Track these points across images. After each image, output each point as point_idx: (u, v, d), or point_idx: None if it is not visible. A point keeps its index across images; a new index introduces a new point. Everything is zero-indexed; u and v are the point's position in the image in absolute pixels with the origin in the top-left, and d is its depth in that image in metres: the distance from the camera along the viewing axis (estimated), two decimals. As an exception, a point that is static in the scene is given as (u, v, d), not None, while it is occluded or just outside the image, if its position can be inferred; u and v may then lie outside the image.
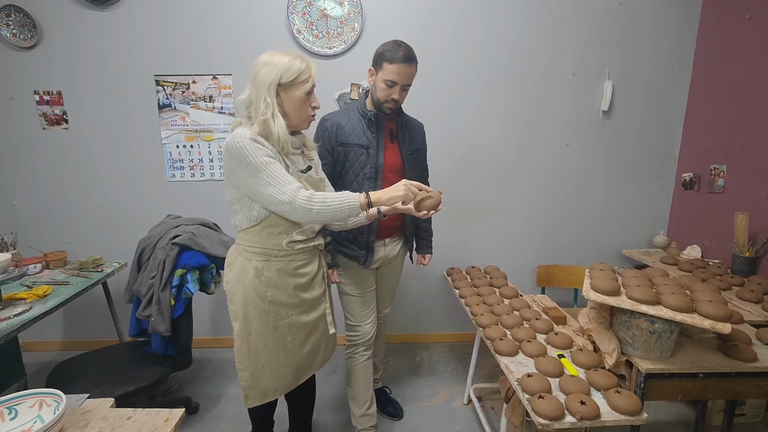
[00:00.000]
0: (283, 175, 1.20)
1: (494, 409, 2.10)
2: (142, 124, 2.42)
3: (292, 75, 1.23)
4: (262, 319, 1.32)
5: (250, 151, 1.18)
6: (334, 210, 1.22)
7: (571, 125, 2.56)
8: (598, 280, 1.41)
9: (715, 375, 1.36)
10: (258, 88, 1.23)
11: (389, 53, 1.51)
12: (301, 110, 1.29)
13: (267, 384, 1.37)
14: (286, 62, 1.23)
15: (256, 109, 1.23)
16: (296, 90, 1.26)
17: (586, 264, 2.60)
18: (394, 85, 1.53)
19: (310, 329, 1.42)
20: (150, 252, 1.82)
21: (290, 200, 1.18)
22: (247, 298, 1.31)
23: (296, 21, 2.32)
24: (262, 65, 1.24)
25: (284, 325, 1.35)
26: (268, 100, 1.22)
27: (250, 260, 1.31)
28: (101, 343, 2.31)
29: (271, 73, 1.22)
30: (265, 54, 1.27)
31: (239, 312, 1.32)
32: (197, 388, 2.29)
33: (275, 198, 1.19)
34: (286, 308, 1.35)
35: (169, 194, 2.51)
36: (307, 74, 1.25)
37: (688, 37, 2.48)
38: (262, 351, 1.34)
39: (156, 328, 1.72)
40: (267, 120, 1.21)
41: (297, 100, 1.26)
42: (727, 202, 2.26)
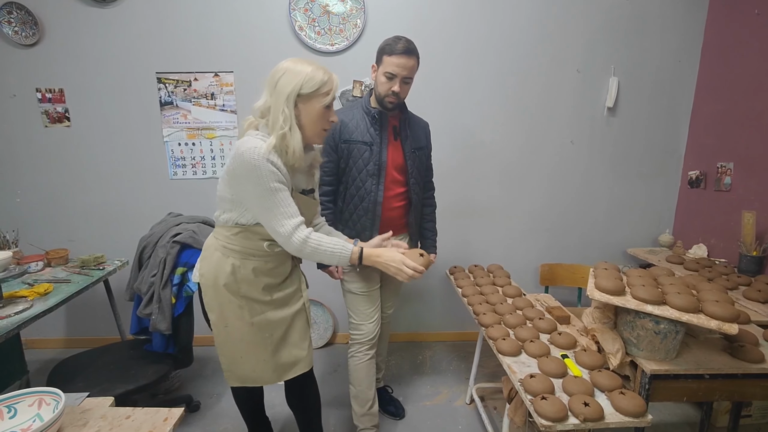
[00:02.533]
0: (288, 206, 1.19)
1: (497, 409, 2.09)
2: (143, 122, 2.42)
3: (313, 86, 1.19)
4: (237, 313, 1.31)
5: (263, 172, 1.14)
6: (323, 256, 1.25)
7: (576, 122, 2.53)
8: (602, 279, 1.39)
9: (722, 376, 1.34)
10: (277, 97, 1.18)
11: (389, 46, 1.52)
12: (317, 123, 1.25)
13: (246, 373, 1.38)
14: (309, 72, 1.18)
15: (274, 121, 1.19)
16: (316, 102, 1.21)
17: (590, 263, 2.58)
18: (393, 78, 1.53)
19: (288, 325, 1.39)
20: (151, 250, 1.81)
21: (287, 235, 1.20)
22: (221, 292, 1.29)
23: (298, 17, 2.30)
24: (282, 73, 1.19)
25: (261, 320, 1.33)
26: (287, 112, 1.18)
27: (228, 257, 1.29)
28: (103, 341, 2.31)
29: (292, 83, 1.17)
30: (286, 61, 1.22)
31: (214, 305, 1.32)
32: (199, 386, 2.29)
33: (274, 227, 1.20)
34: (259, 304, 1.33)
35: (171, 192, 2.50)
36: (329, 86, 1.21)
37: (695, 33, 2.45)
38: (239, 344, 1.34)
39: (157, 326, 1.72)
40: (285, 134, 1.18)
41: (315, 112, 1.22)
42: (734, 200, 2.22)
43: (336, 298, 2.64)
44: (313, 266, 1.67)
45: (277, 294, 1.36)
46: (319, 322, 2.69)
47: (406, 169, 1.70)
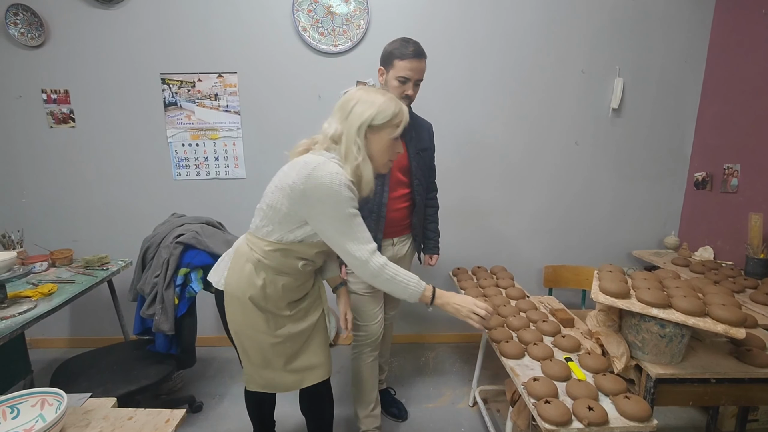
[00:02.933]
0: (363, 232, 1.19)
1: (500, 412, 2.08)
2: (147, 123, 2.43)
3: (385, 117, 1.19)
4: (262, 326, 1.30)
5: (344, 198, 1.14)
6: (396, 288, 1.24)
7: (580, 123, 2.52)
8: (606, 282, 1.38)
9: (728, 381, 1.32)
10: (350, 126, 1.18)
11: (399, 50, 1.52)
12: (385, 154, 1.25)
13: (266, 380, 1.37)
14: (381, 102, 1.19)
15: (348, 150, 1.19)
16: (386, 134, 1.22)
17: (595, 264, 2.55)
18: (406, 81, 1.54)
19: (308, 336, 1.39)
20: (154, 251, 1.82)
21: (364, 260, 1.19)
22: (247, 304, 1.27)
23: (302, 18, 2.31)
24: (356, 102, 1.19)
25: (284, 332, 1.33)
26: (359, 143, 1.19)
27: (260, 272, 1.26)
28: (107, 341, 2.32)
29: (365, 113, 1.17)
30: (357, 89, 1.23)
31: (237, 315, 1.29)
32: (201, 387, 2.29)
33: (351, 252, 1.18)
34: (282, 318, 1.32)
35: (175, 193, 2.51)
36: (399, 118, 1.22)
37: (702, 33, 2.43)
38: (260, 353, 1.33)
39: (159, 327, 1.72)
40: (360, 165, 1.18)
41: (384, 143, 1.23)
42: (741, 202, 2.20)
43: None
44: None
45: (300, 306, 1.36)
46: (321, 323, 2.68)
47: (410, 171, 1.69)
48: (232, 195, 2.53)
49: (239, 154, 2.47)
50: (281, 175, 1.23)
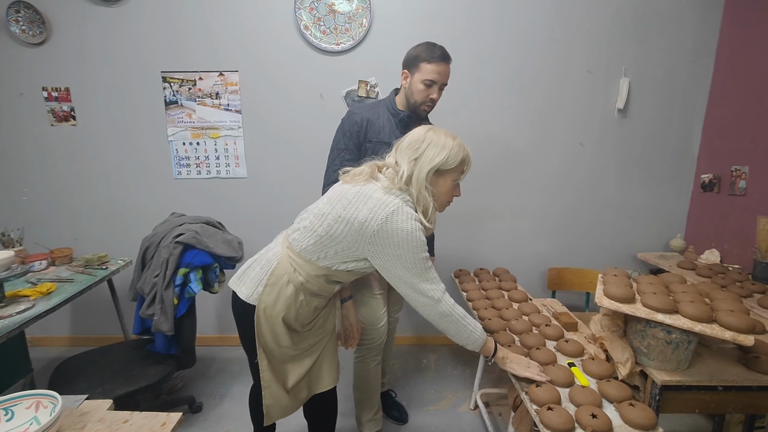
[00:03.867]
0: (434, 272, 1.22)
1: (501, 416, 2.06)
2: (148, 121, 2.41)
3: (455, 162, 1.20)
4: (288, 342, 1.28)
5: (419, 243, 1.16)
6: (461, 330, 1.26)
7: (586, 124, 2.49)
8: (611, 286, 1.35)
9: (735, 388, 1.29)
10: (420, 169, 1.18)
11: (426, 53, 1.52)
12: (447, 197, 1.27)
13: (287, 402, 1.33)
14: (452, 147, 1.19)
15: (418, 193, 1.19)
16: (450, 177, 1.23)
17: (599, 267, 2.53)
18: (432, 85, 1.54)
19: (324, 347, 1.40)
20: (154, 250, 1.80)
21: (437, 299, 1.21)
22: (278, 323, 1.24)
23: (303, 17, 2.28)
24: (428, 144, 1.19)
25: (305, 345, 1.34)
26: (428, 186, 1.20)
27: (299, 294, 1.23)
28: (108, 340, 2.31)
29: (437, 157, 1.18)
30: (428, 130, 1.22)
31: (266, 331, 1.25)
32: (202, 387, 2.28)
33: (424, 292, 1.20)
34: (304, 333, 1.33)
35: (176, 192, 2.50)
36: (464, 164, 1.23)
37: (710, 33, 2.39)
38: (282, 366, 1.31)
39: (159, 327, 1.71)
40: (429, 207, 1.20)
41: (447, 186, 1.24)
42: (749, 205, 2.16)
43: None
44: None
45: (318, 320, 1.36)
46: (322, 324, 2.66)
47: None
48: (232, 194, 2.52)
49: (240, 153, 2.45)
50: (344, 203, 1.17)
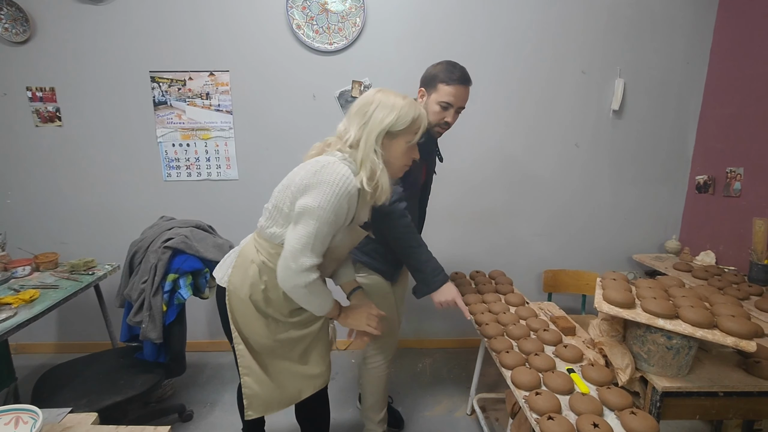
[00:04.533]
0: (320, 246, 1.13)
1: (498, 421, 2.03)
2: (137, 122, 2.35)
3: (405, 123, 1.14)
4: (263, 329, 1.27)
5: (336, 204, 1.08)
6: (309, 303, 1.20)
7: (581, 125, 2.47)
8: (611, 290, 1.33)
9: (736, 394, 1.28)
10: (369, 132, 1.14)
11: (444, 74, 1.46)
12: (402, 160, 1.21)
13: (270, 395, 1.30)
14: (402, 107, 1.14)
15: (365, 157, 1.14)
16: (403, 140, 1.18)
17: (595, 269, 2.52)
18: (449, 108, 1.49)
19: (308, 344, 1.35)
20: (142, 255, 1.75)
21: (295, 269, 1.11)
22: (249, 306, 1.24)
23: (296, 15, 2.24)
24: (375, 107, 1.14)
25: (285, 337, 1.29)
26: (378, 150, 1.14)
27: (263, 275, 1.22)
28: (95, 346, 2.25)
29: (386, 120, 1.13)
30: (377, 92, 1.17)
31: (239, 315, 1.26)
32: (192, 394, 2.22)
33: (289, 249, 1.11)
34: (283, 324, 1.29)
35: (165, 194, 2.44)
36: (419, 124, 1.17)
37: (704, 35, 2.38)
38: (259, 357, 1.29)
39: (147, 335, 1.66)
40: (378, 171, 1.14)
41: (401, 150, 1.19)
42: (744, 206, 2.16)
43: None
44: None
45: (302, 315, 1.31)
46: (316, 328, 2.62)
47: (426, 187, 1.73)
48: (224, 197, 2.47)
49: (231, 154, 2.40)
50: (290, 175, 1.19)
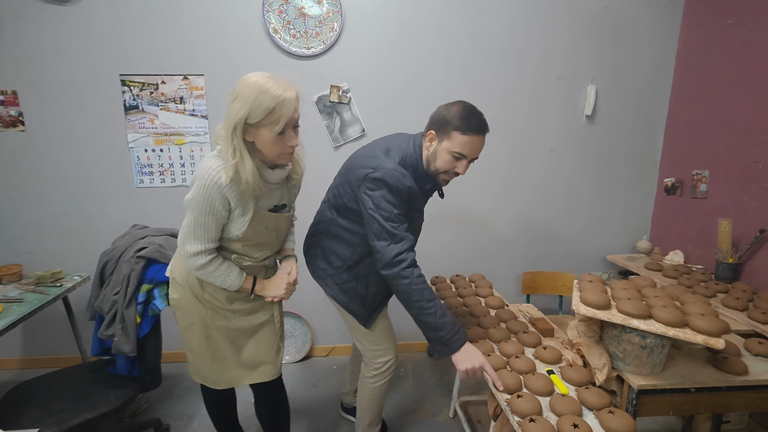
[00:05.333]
0: (204, 234, 1.21)
1: (481, 422, 2.05)
2: (106, 127, 2.27)
3: (258, 116, 1.11)
4: (202, 315, 1.35)
5: (207, 194, 1.16)
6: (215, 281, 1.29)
7: (556, 130, 2.53)
8: (587, 292, 1.36)
9: (707, 389, 1.32)
10: (227, 125, 1.14)
11: (460, 121, 1.31)
12: (273, 149, 1.19)
13: (206, 372, 1.43)
14: (254, 99, 1.10)
15: (227, 149, 1.14)
16: (265, 131, 1.14)
17: (571, 270, 2.58)
18: (461, 158, 1.35)
19: (251, 333, 1.42)
20: (113, 266, 1.69)
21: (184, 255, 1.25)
22: (188, 292, 1.34)
23: (272, 19, 2.21)
24: (235, 98, 1.13)
25: (222, 326, 1.36)
26: (235, 142, 1.13)
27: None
28: (64, 361, 2.16)
29: (239, 112, 1.11)
30: (247, 78, 1.14)
31: (182, 302, 1.36)
32: (168, 407, 2.16)
33: (179, 238, 1.26)
34: (222, 311, 1.35)
35: (138, 202, 2.36)
36: (277, 114, 1.12)
37: (670, 42, 2.48)
38: (202, 342, 1.38)
39: (120, 348, 1.59)
40: (236, 164, 1.14)
41: (268, 139, 1.16)
42: (710, 207, 2.26)
43: (315, 310, 2.55)
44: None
45: (243, 305, 1.38)
46: (297, 335, 2.59)
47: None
48: (200, 203, 2.40)
49: (207, 160, 2.35)
50: None
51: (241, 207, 1.22)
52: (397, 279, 1.33)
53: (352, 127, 2.39)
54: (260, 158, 1.21)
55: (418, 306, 1.34)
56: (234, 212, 1.22)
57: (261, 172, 1.21)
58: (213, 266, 1.26)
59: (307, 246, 1.68)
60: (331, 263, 1.56)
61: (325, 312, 2.50)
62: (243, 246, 1.30)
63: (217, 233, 1.24)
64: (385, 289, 1.58)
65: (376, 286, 1.55)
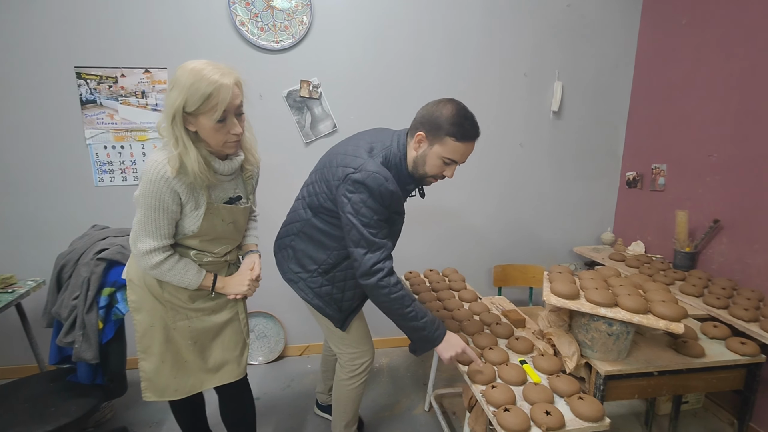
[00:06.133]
0: (156, 230, 1.18)
1: (456, 414, 2.07)
2: (61, 123, 2.14)
3: (195, 103, 1.07)
4: (161, 315, 1.30)
5: (153, 188, 1.12)
6: (172, 280, 1.24)
7: (525, 125, 2.58)
8: (557, 283, 1.40)
9: (669, 372, 1.39)
10: (165, 115, 1.10)
11: (455, 128, 1.27)
12: (215, 138, 1.14)
13: (166, 381, 1.35)
14: (189, 87, 1.05)
15: (168, 140, 1.11)
16: (205, 119, 1.10)
17: (541, 262, 2.65)
18: (452, 164, 1.34)
19: (215, 332, 1.38)
20: (71, 269, 1.60)
21: (136, 254, 1.21)
22: (146, 293, 1.28)
23: (239, 11, 2.15)
24: (172, 87, 1.09)
25: (184, 326, 1.32)
26: (177, 133, 1.09)
27: None
28: (20, 371, 2.03)
29: (177, 100, 1.07)
30: (185, 65, 1.09)
31: (140, 304, 1.30)
32: (135, 415, 2.07)
33: (134, 238, 1.21)
34: (184, 310, 1.31)
35: (97, 201, 2.25)
36: (214, 101, 1.07)
37: (630, 41, 2.58)
38: (162, 346, 1.32)
39: (81, 355, 1.51)
40: (180, 155, 1.11)
41: (209, 127, 1.11)
42: (668, 199, 2.37)
43: (288, 310, 2.51)
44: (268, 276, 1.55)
45: (206, 303, 1.34)
46: (269, 336, 2.54)
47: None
48: (165, 202, 2.31)
49: (172, 157, 2.26)
50: None
51: (193, 200, 1.18)
52: (376, 289, 1.30)
53: (323, 122, 2.36)
54: (206, 148, 1.17)
55: (399, 314, 1.34)
56: (186, 206, 1.18)
57: (210, 163, 1.18)
58: (168, 264, 1.21)
59: (278, 246, 1.60)
60: (304, 266, 1.49)
61: (298, 311, 2.47)
62: (201, 242, 1.26)
63: (170, 229, 1.19)
64: (362, 293, 1.54)
65: (353, 291, 1.51)
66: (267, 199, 2.09)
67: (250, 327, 2.48)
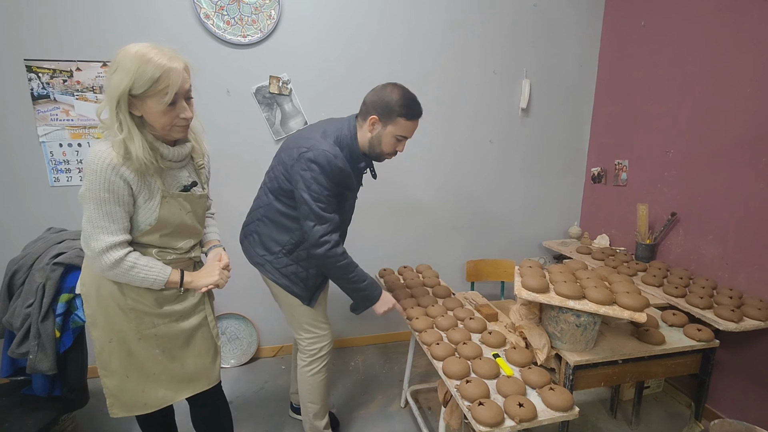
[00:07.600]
0: (110, 225, 1.09)
1: (431, 409, 2.09)
2: (10, 119, 2.00)
3: (143, 86, 1.03)
4: (124, 326, 1.20)
5: (98, 179, 1.04)
6: (135, 280, 1.15)
7: (494, 122, 2.63)
8: (528, 278, 1.43)
9: (632, 360, 1.45)
10: (109, 99, 1.04)
11: (404, 109, 1.45)
12: (162, 120, 1.09)
13: (133, 397, 1.26)
14: (136, 69, 1.02)
15: (111, 126, 1.05)
16: (153, 103, 1.06)
17: (512, 257, 2.71)
18: (403, 140, 1.52)
19: (185, 340, 1.30)
20: (24, 275, 1.50)
21: (91, 255, 1.10)
22: (105, 302, 1.18)
23: (203, 4, 2.07)
24: (113, 70, 1.04)
25: (151, 334, 1.23)
26: (121, 117, 1.05)
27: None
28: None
29: (121, 84, 1.02)
30: (127, 49, 1.05)
31: (97, 317, 1.20)
32: (98, 426, 1.98)
33: (87, 239, 1.10)
34: (150, 317, 1.22)
35: (53, 202, 2.12)
36: (163, 83, 1.04)
37: (593, 41, 2.66)
38: (126, 359, 1.23)
39: (36, 367, 1.43)
40: (124, 140, 1.05)
41: (157, 111, 1.07)
42: (630, 194, 2.47)
43: (259, 310, 2.46)
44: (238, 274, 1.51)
45: (173, 306, 1.25)
46: (242, 337, 2.48)
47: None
48: (127, 202, 2.21)
49: (134, 155, 2.16)
50: None
51: (146, 190, 1.12)
52: (324, 258, 1.43)
53: (293, 119, 2.32)
54: (152, 132, 1.13)
55: (344, 278, 1.51)
56: (139, 197, 1.11)
57: (156, 148, 1.13)
58: (129, 261, 1.11)
59: (244, 233, 1.67)
60: (269, 249, 1.56)
61: (271, 311, 2.42)
62: (161, 237, 1.19)
63: (125, 223, 1.12)
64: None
65: (317, 268, 1.56)
66: (236, 197, 2.04)
67: (221, 330, 2.43)
